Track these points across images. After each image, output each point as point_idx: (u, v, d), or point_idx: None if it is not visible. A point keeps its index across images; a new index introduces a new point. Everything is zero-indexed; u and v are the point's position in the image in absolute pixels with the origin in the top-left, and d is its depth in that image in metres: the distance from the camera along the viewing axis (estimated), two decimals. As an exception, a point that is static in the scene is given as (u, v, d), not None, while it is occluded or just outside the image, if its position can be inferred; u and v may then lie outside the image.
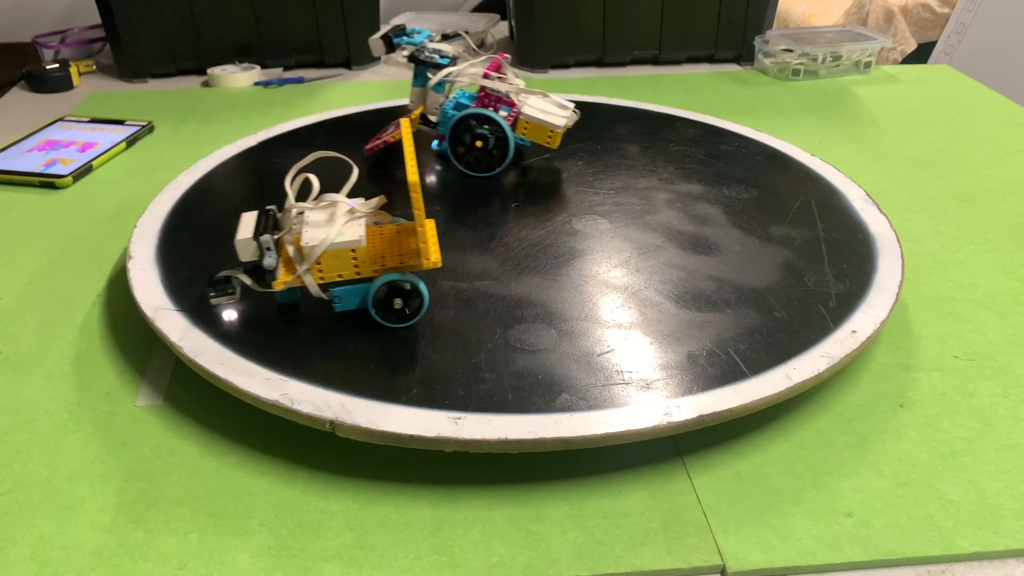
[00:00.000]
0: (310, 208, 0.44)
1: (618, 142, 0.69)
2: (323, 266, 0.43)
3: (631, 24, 0.99)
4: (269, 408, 0.39)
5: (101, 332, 0.50)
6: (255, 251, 0.43)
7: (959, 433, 0.42)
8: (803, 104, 0.88)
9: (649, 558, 0.35)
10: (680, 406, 0.39)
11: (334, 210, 0.44)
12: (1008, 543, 0.36)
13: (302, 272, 0.43)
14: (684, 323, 0.45)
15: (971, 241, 0.60)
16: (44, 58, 1.04)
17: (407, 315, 0.44)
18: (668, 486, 0.39)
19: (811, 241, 0.53)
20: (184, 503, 0.38)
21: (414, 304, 0.44)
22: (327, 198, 0.45)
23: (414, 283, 0.43)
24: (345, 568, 0.35)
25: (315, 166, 0.64)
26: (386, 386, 0.40)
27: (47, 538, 0.36)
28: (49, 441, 0.42)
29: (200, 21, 0.95)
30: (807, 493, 0.38)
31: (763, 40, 0.98)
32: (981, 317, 0.51)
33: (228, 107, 0.88)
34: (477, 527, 0.37)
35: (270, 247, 0.42)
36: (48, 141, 0.77)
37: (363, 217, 0.44)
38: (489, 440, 0.37)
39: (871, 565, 0.35)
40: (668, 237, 0.54)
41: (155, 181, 0.70)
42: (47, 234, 0.62)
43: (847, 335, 0.44)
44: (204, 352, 0.42)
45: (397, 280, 0.43)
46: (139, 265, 0.50)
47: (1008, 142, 0.78)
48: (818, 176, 0.63)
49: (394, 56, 0.64)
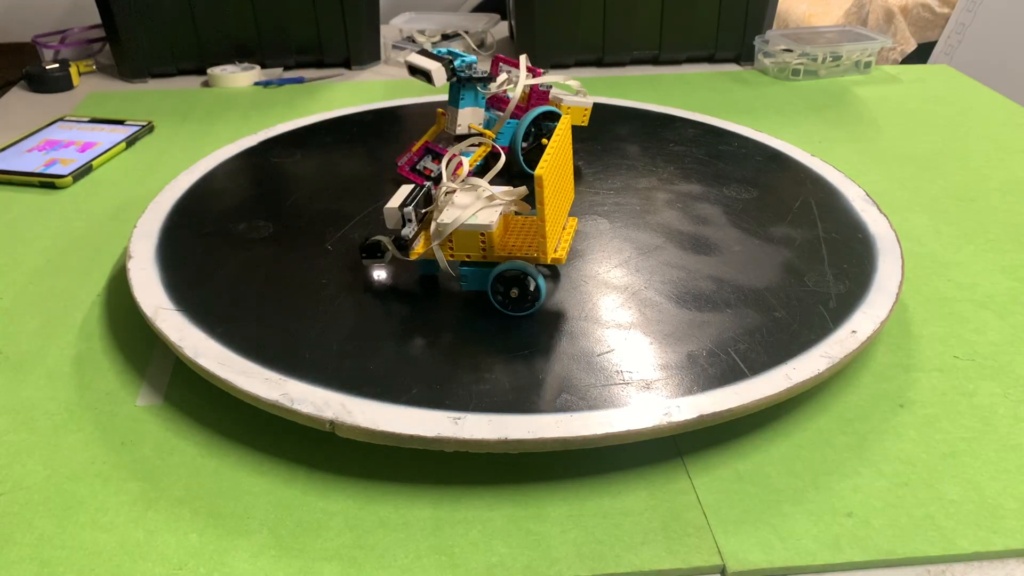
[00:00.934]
0: (460, 189, 0.47)
1: (618, 142, 0.69)
2: (454, 244, 0.45)
3: (631, 24, 0.99)
4: (269, 408, 0.39)
5: (101, 332, 0.50)
6: (398, 220, 0.45)
7: (959, 433, 0.42)
8: (803, 104, 0.88)
9: (649, 558, 0.35)
10: (680, 406, 0.39)
11: (478, 194, 0.46)
12: (1008, 543, 0.36)
13: (434, 246, 0.45)
14: (684, 323, 0.45)
15: (971, 241, 0.60)
16: (44, 58, 1.04)
17: (523, 305, 0.45)
18: (668, 486, 0.39)
19: (811, 241, 0.53)
20: (184, 503, 0.38)
21: (530, 296, 0.45)
22: (472, 182, 0.47)
23: (532, 275, 0.44)
24: (345, 568, 0.35)
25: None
26: (386, 386, 0.40)
27: (47, 538, 0.36)
28: (49, 441, 0.42)
29: (200, 21, 0.95)
30: (807, 493, 0.38)
31: (763, 40, 0.98)
32: (981, 317, 0.51)
33: (228, 107, 0.88)
34: (477, 527, 0.37)
35: (411, 219, 0.45)
36: (48, 141, 0.77)
37: (501, 204, 0.46)
38: (489, 440, 0.37)
39: (871, 565, 0.35)
40: (668, 237, 0.54)
41: (155, 181, 0.70)
42: (47, 234, 0.62)
43: (847, 335, 0.44)
44: (204, 352, 0.42)
45: (516, 270, 0.44)
46: (139, 265, 0.50)
47: (1008, 142, 0.78)
48: (818, 176, 0.63)
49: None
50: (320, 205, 0.58)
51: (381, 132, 0.72)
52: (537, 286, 0.44)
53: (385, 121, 0.74)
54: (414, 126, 0.73)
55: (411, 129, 0.72)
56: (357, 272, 0.50)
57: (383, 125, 0.73)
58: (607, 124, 0.73)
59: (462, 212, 0.45)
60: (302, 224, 0.56)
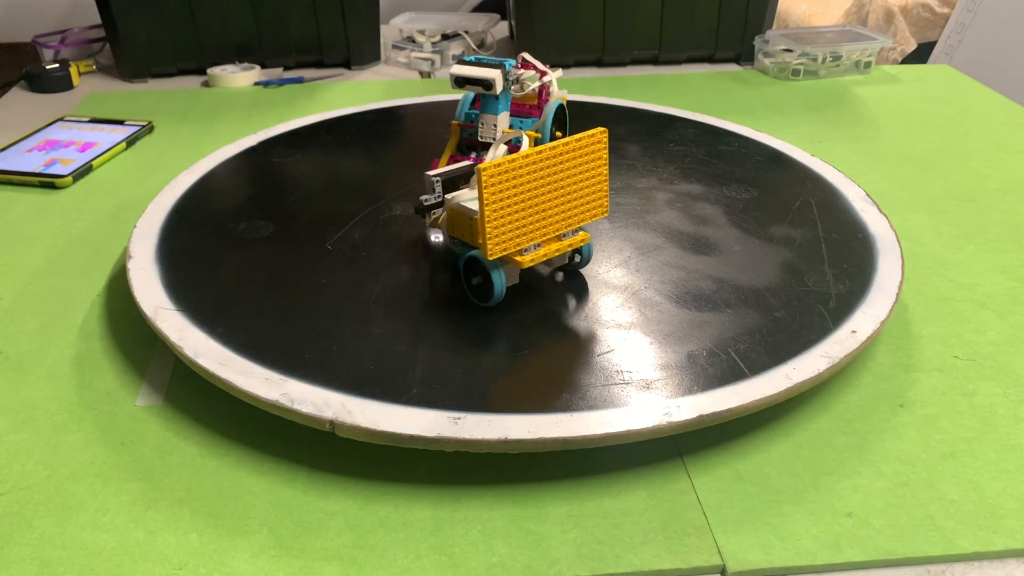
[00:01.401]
0: None
1: (618, 142, 0.69)
2: (452, 222, 0.48)
3: (631, 24, 0.99)
4: (269, 408, 0.39)
5: (101, 332, 0.50)
6: (430, 187, 0.48)
7: (959, 433, 0.42)
8: (803, 104, 0.88)
9: (649, 558, 0.35)
10: (680, 406, 0.39)
11: None
12: (1008, 543, 0.36)
13: (440, 216, 0.49)
14: (684, 323, 0.45)
15: (971, 241, 0.60)
16: (44, 58, 1.04)
17: (482, 296, 0.46)
18: (668, 486, 0.39)
19: (811, 241, 0.53)
20: (184, 503, 0.38)
21: (484, 287, 0.46)
22: None
23: (488, 268, 0.45)
24: (345, 568, 0.35)
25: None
26: (386, 386, 0.40)
27: (47, 538, 0.36)
28: (49, 441, 0.42)
29: (200, 21, 0.95)
30: (807, 493, 0.38)
31: (763, 40, 0.98)
32: (981, 317, 0.51)
33: (228, 107, 0.88)
34: (477, 527, 0.37)
35: (436, 190, 0.48)
36: (48, 141, 0.77)
37: None
38: (489, 440, 0.37)
39: (871, 565, 0.35)
40: (668, 237, 0.54)
41: (155, 181, 0.70)
42: (47, 234, 0.62)
43: (847, 335, 0.44)
44: (204, 352, 0.42)
45: (476, 258, 0.46)
46: (139, 265, 0.50)
47: (1008, 142, 0.78)
48: (818, 176, 0.63)
49: None
50: (320, 205, 0.58)
51: (381, 132, 0.72)
52: (490, 280, 0.45)
53: (385, 121, 0.74)
54: (414, 126, 0.73)
55: (411, 129, 0.72)
56: (357, 272, 0.50)
57: (383, 125, 0.73)
58: (607, 124, 0.73)
59: (466, 193, 0.48)
60: (302, 224, 0.56)
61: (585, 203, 0.46)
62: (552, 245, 0.46)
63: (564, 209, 0.45)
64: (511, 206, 0.43)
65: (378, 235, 0.54)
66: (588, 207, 0.46)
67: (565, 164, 0.44)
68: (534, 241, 0.45)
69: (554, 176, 0.44)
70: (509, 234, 0.43)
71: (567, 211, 0.45)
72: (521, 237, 0.44)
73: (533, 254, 0.45)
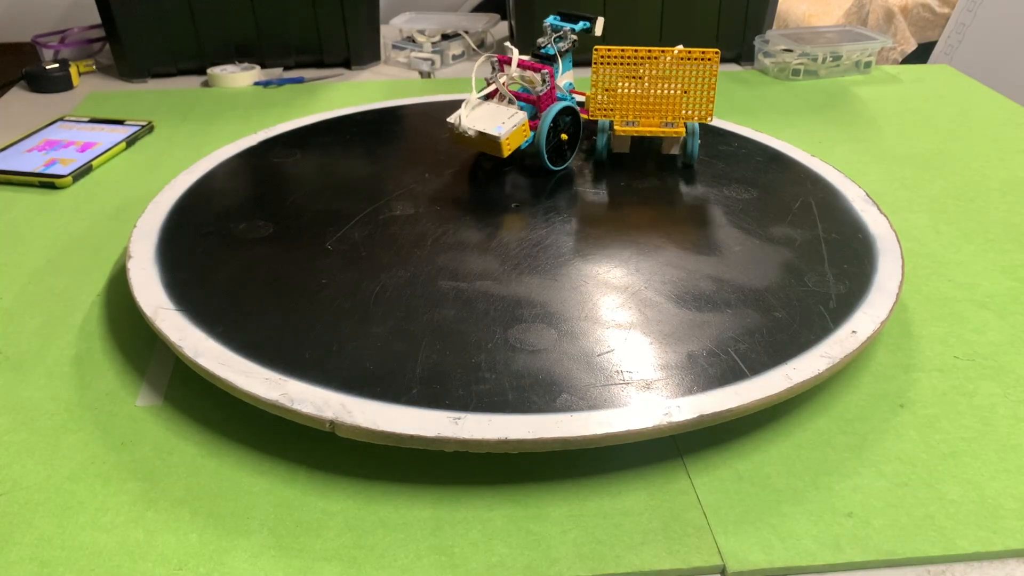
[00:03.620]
0: None
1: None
2: None
3: (631, 24, 0.99)
4: (269, 408, 0.39)
5: (101, 332, 0.50)
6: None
7: (959, 433, 0.42)
8: (803, 104, 0.88)
9: (649, 558, 0.35)
10: (680, 406, 0.39)
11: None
12: (1008, 543, 0.36)
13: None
14: (684, 323, 0.45)
15: (971, 241, 0.60)
16: (44, 58, 1.04)
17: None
18: (668, 486, 0.39)
19: (811, 241, 0.53)
20: (184, 503, 0.38)
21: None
22: None
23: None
24: (345, 568, 0.35)
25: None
26: (386, 386, 0.40)
27: (47, 538, 0.36)
28: (49, 441, 0.42)
29: (200, 21, 0.95)
30: (807, 493, 0.38)
31: (763, 40, 0.98)
32: (981, 317, 0.51)
33: (228, 107, 0.88)
34: (477, 527, 0.37)
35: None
36: (48, 141, 0.77)
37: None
38: (489, 440, 0.37)
39: (871, 565, 0.35)
40: (668, 237, 0.54)
41: (155, 181, 0.70)
42: (47, 234, 0.62)
43: (847, 335, 0.44)
44: (204, 352, 0.42)
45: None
46: (139, 265, 0.50)
47: (1008, 142, 0.78)
48: (818, 176, 0.63)
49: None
50: (320, 205, 0.58)
51: (381, 132, 0.72)
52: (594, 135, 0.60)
53: (385, 121, 0.74)
54: (414, 126, 0.73)
55: (411, 129, 0.72)
56: (357, 272, 0.50)
57: (383, 125, 0.73)
58: (607, 124, 0.73)
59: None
60: (302, 224, 0.56)
61: (690, 104, 0.61)
62: (648, 128, 0.60)
63: (668, 101, 0.60)
64: (611, 84, 0.60)
65: (378, 235, 0.54)
66: (694, 108, 0.61)
67: (672, 67, 0.59)
68: (627, 118, 0.61)
69: (660, 73, 0.59)
70: (608, 104, 0.61)
71: (670, 105, 0.60)
72: (619, 110, 0.61)
73: (629, 128, 0.61)
